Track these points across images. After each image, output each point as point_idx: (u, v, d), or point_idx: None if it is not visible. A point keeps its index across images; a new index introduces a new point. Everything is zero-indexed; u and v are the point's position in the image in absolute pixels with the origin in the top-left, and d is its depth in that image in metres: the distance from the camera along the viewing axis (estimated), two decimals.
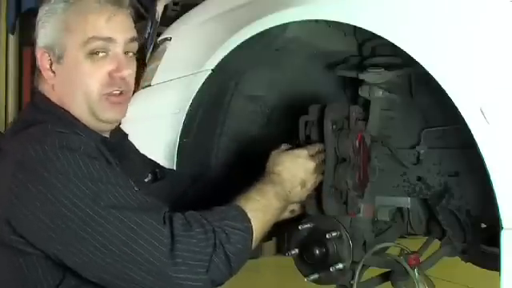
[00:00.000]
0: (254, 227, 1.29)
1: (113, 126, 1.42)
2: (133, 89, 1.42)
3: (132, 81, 1.40)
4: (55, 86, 1.35)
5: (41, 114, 1.33)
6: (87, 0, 1.33)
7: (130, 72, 1.36)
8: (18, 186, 1.21)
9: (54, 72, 1.35)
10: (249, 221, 1.29)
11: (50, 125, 1.27)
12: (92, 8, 1.33)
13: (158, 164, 1.65)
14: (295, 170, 1.45)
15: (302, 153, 1.48)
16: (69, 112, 1.34)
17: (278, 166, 1.45)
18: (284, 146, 1.54)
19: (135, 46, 1.40)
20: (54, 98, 1.36)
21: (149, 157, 1.64)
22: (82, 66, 1.32)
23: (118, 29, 1.34)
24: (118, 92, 1.36)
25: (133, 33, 1.38)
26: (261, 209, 1.33)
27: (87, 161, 1.21)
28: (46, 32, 1.35)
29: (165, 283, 1.19)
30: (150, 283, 1.19)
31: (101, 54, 1.33)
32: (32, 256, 1.24)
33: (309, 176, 1.47)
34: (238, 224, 1.27)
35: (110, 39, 1.33)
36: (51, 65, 1.35)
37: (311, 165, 1.47)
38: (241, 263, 1.27)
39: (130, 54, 1.38)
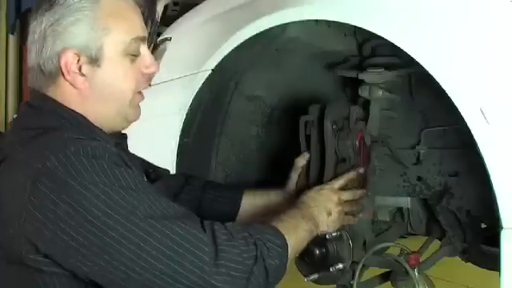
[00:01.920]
0: (288, 245, 1.26)
1: (125, 128, 1.37)
2: None
3: None
4: (83, 90, 1.24)
5: (50, 120, 1.22)
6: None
7: (158, 66, 1.33)
8: (41, 198, 1.08)
9: (83, 75, 1.23)
10: (285, 238, 1.26)
11: (66, 131, 1.17)
12: (127, 5, 1.27)
13: (152, 164, 1.62)
14: (319, 199, 1.45)
15: (326, 186, 1.50)
16: (84, 117, 1.25)
17: (303, 196, 1.46)
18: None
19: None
20: (72, 102, 1.25)
21: (142, 157, 1.61)
22: (122, 68, 1.26)
23: (144, 26, 1.31)
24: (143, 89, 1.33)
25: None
26: (292, 229, 1.31)
27: (114, 168, 1.12)
28: (75, 32, 1.22)
29: None
30: None
31: (136, 53, 1.28)
32: (52, 275, 1.13)
33: (333, 206, 1.46)
34: (276, 240, 1.24)
35: (145, 38, 1.30)
36: (80, 68, 1.23)
37: (335, 197, 1.47)
38: (277, 279, 1.23)
39: None
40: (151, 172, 1.48)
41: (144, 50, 1.30)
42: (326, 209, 1.44)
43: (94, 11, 1.23)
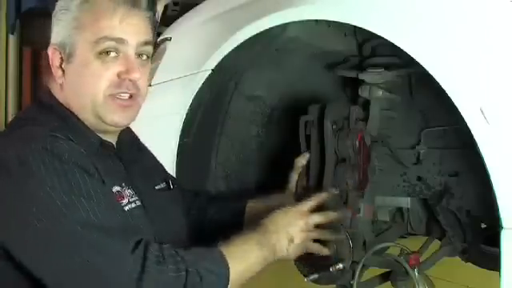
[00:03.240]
0: (230, 272, 1.23)
1: (119, 129, 1.38)
2: (144, 92, 1.36)
3: (144, 85, 1.34)
4: (63, 85, 1.32)
5: (43, 113, 1.30)
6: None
7: (139, 75, 1.31)
8: None
9: (63, 70, 1.32)
10: (226, 265, 1.23)
11: (46, 125, 1.23)
12: (106, 7, 1.29)
13: (172, 176, 1.63)
14: (281, 223, 1.38)
15: (293, 208, 1.42)
16: (72, 112, 1.31)
17: (267, 219, 1.39)
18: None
19: (149, 49, 1.35)
20: (60, 97, 1.33)
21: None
22: (92, 66, 1.28)
23: (131, 31, 1.30)
24: (126, 95, 1.31)
25: (147, 36, 1.33)
26: (239, 255, 1.28)
27: (67, 170, 1.17)
28: (58, 30, 1.32)
29: None
30: None
31: (112, 54, 1.29)
32: (3, 259, 1.20)
33: (297, 231, 1.39)
34: (213, 267, 1.22)
35: (121, 40, 1.29)
36: (61, 63, 1.32)
37: (300, 222, 1.40)
38: None
39: (144, 57, 1.34)
40: (170, 181, 1.51)
41: (125, 53, 1.30)
42: (287, 234, 1.37)
43: (75, 11, 1.30)
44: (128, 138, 1.45)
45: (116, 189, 1.29)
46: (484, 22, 1.21)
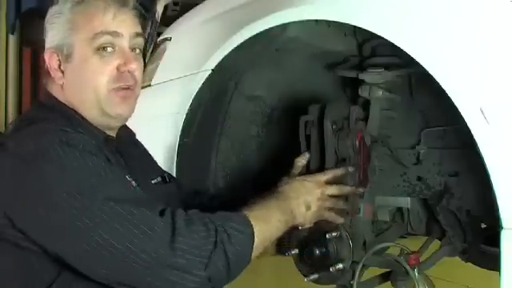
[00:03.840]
0: (255, 233, 1.29)
1: (121, 123, 1.43)
2: (140, 84, 1.43)
3: (140, 76, 1.41)
4: (64, 85, 1.37)
5: (46, 113, 1.34)
6: (93, 0, 1.36)
7: (135, 65, 1.37)
8: (16, 179, 1.21)
9: (62, 72, 1.37)
10: (251, 226, 1.28)
11: (53, 123, 1.28)
12: (98, 7, 1.36)
13: (170, 173, 1.65)
14: (300, 190, 1.45)
15: (310, 178, 1.49)
16: (75, 111, 1.36)
17: (287, 185, 1.46)
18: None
19: (141, 41, 1.42)
20: (62, 98, 1.37)
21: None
22: (91, 62, 1.34)
23: (124, 24, 1.37)
24: (126, 86, 1.37)
25: (138, 28, 1.41)
26: (262, 218, 1.33)
27: (85, 155, 1.22)
28: (53, 33, 1.37)
29: (162, 276, 1.18)
30: (148, 276, 1.18)
31: (108, 49, 1.35)
32: (30, 251, 1.23)
33: (314, 200, 1.46)
34: (240, 227, 1.27)
35: (116, 33, 1.35)
36: (60, 65, 1.37)
37: (317, 191, 1.47)
38: (240, 266, 1.27)
39: (137, 50, 1.41)
40: (166, 176, 1.56)
41: (121, 46, 1.37)
42: (305, 201, 1.44)
43: (69, 14, 1.37)
44: (125, 133, 1.49)
45: (127, 178, 1.33)
46: (484, 22, 1.21)
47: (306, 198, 1.44)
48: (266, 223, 1.33)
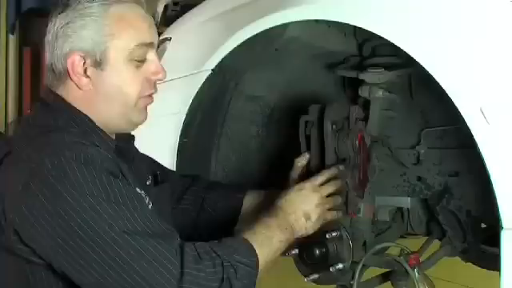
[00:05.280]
0: (259, 261, 1.28)
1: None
2: None
3: None
4: (87, 91, 1.30)
5: (59, 119, 1.28)
6: (126, 4, 1.31)
7: (164, 74, 1.36)
8: (30, 196, 1.16)
9: (88, 77, 1.29)
10: (255, 255, 1.27)
11: (68, 134, 1.23)
12: (136, 12, 1.32)
13: (161, 165, 1.64)
14: (297, 202, 1.44)
15: (306, 185, 1.47)
16: (89, 117, 1.31)
17: (282, 199, 1.44)
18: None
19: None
20: (78, 103, 1.31)
21: (149, 156, 1.63)
22: (126, 72, 1.30)
23: (154, 32, 1.35)
24: (151, 94, 1.37)
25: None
26: (266, 243, 1.32)
27: (104, 179, 1.18)
28: (84, 34, 1.28)
29: None
30: None
31: (143, 59, 1.32)
32: (38, 266, 1.21)
33: (312, 208, 1.44)
34: (245, 259, 1.25)
35: (152, 44, 1.34)
36: (86, 69, 1.29)
37: (315, 197, 1.45)
38: None
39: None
40: (158, 174, 1.54)
41: (151, 55, 1.34)
42: (304, 213, 1.43)
43: (102, 17, 1.28)
44: (124, 135, 1.45)
45: (138, 191, 1.30)
46: (484, 21, 1.21)
47: (304, 209, 1.43)
48: (268, 247, 1.32)
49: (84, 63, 1.28)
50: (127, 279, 1.15)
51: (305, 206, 1.44)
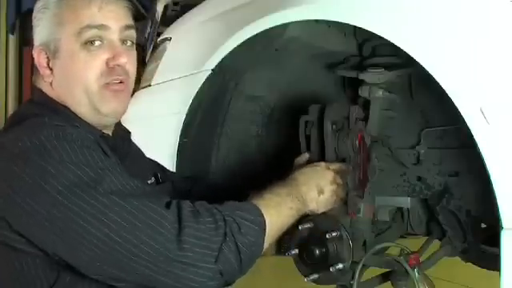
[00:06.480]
0: (266, 222, 1.24)
1: (115, 120, 1.38)
2: (133, 78, 1.38)
3: (132, 70, 1.36)
4: (53, 82, 1.33)
5: (37, 109, 1.29)
6: None
7: (126, 59, 1.32)
8: (14, 178, 1.16)
9: (51, 69, 1.32)
10: (261, 215, 1.23)
11: (50, 118, 1.23)
12: (83, 0, 1.31)
13: (162, 166, 1.64)
14: (311, 175, 1.42)
15: (321, 163, 1.47)
16: (68, 108, 1.31)
17: (297, 171, 1.43)
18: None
19: (132, 33, 1.37)
20: (53, 95, 1.33)
21: (151, 158, 1.63)
22: (78, 57, 1.29)
23: (111, 16, 1.32)
24: (117, 81, 1.32)
25: (128, 20, 1.35)
26: (273, 206, 1.28)
27: (84, 150, 1.17)
28: (40, 29, 1.33)
29: (169, 271, 1.12)
30: (155, 272, 1.12)
31: (96, 43, 1.30)
32: (28, 255, 1.19)
33: (327, 184, 1.42)
34: (250, 216, 1.21)
35: (103, 26, 1.30)
36: (48, 62, 1.32)
37: (330, 174, 1.44)
38: (252, 258, 1.21)
39: (128, 42, 1.36)
40: (159, 174, 1.53)
41: (109, 39, 1.31)
42: (317, 186, 1.41)
43: (54, 7, 1.31)
44: (121, 132, 1.45)
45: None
46: (484, 21, 1.21)
47: (317, 182, 1.41)
48: (277, 211, 1.28)
49: (47, 56, 1.32)
50: (119, 240, 1.11)
51: (319, 180, 1.42)
